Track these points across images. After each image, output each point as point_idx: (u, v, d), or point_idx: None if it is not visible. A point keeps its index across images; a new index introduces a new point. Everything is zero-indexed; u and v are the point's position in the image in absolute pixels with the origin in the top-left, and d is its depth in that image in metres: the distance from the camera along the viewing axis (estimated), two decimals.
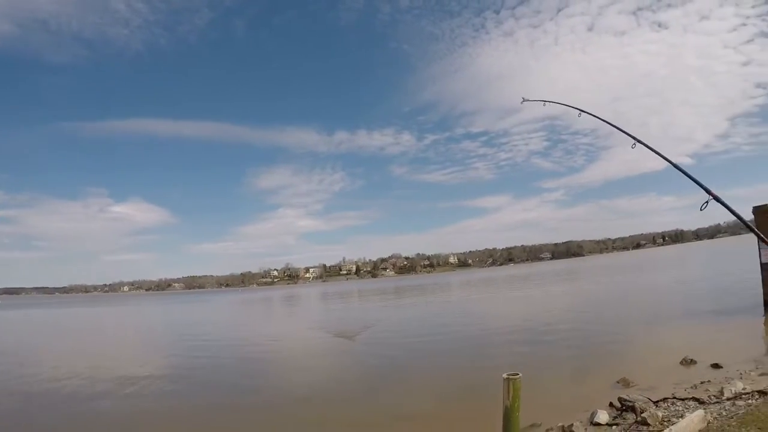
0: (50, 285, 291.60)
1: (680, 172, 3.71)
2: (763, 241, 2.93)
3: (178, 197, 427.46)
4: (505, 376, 5.07)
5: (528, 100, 7.34)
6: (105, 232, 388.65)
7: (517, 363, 19.44)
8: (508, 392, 4.97)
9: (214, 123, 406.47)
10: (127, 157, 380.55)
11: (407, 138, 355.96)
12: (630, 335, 22.45)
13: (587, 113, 5.60)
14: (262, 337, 33.49)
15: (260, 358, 25.17)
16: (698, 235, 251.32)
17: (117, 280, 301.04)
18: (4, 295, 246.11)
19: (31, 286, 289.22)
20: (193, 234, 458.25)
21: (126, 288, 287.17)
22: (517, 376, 4.97)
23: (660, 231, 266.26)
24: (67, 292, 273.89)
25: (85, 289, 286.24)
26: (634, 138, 4.36)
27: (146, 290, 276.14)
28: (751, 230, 3.11)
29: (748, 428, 8.61)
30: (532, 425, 11.88)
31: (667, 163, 4.13)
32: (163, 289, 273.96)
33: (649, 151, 4.28)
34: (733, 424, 9.00)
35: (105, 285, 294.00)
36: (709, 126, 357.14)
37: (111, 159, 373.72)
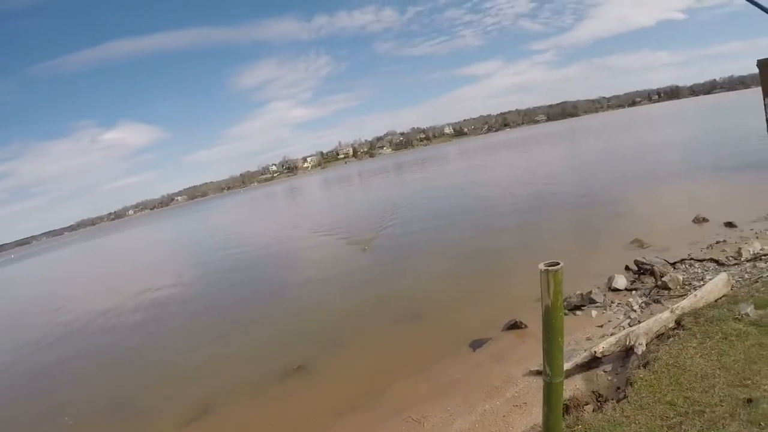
0: (58, 227, 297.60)
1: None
2: None
3: (166, 111, 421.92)
4: (542, 267, 4.07)
5: None
6: (101, 161, 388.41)
7: (527, 230, 19.50)
8: (548, 287, 4.01)
9: (190, 29, 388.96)
10: (108, 82, 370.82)
11: (389, 13, 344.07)
12: (637, 194, 22.22)
13: None
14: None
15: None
16: (694, 91, 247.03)
17: (121, 206, 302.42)
18: (16, 248, 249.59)
19: (40, 232, 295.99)
20: (187, 144, 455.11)
21: (131, 212, 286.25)
22: (558, 266, 4.00)
23: (655, 88, 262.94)
24: (75, 230, 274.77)
25: (92, 222, 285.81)
26: None
27: (150, 209, 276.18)
28: None
29: None
30: None
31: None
32: (167, 205, 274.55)
33: None
34: (761, 288, 8.57)
35: (111, 213, 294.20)
36: None
37: (93, 89, 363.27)
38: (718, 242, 13.18)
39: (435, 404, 8.29)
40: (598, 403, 6.60)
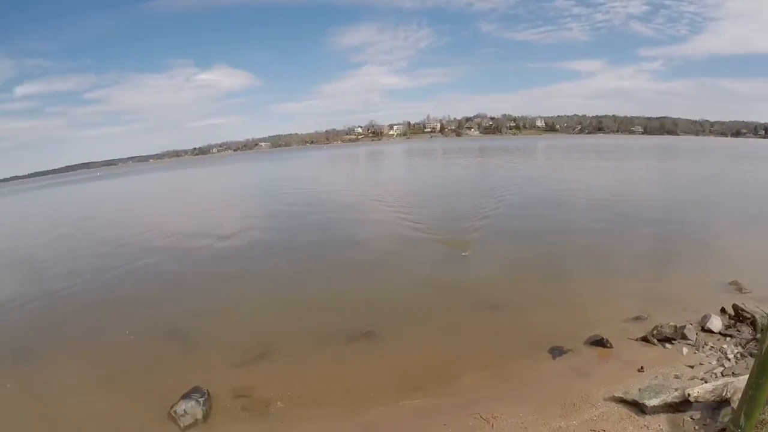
0: (144, 153, 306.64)
1: None
2: None
3: (262, 60, 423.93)
4: None
5: None
6: (192, 99, 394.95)
7: (614, 244, 18.68)
8: None
9: None
10: (210, 26, 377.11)
11: None
12: (739, 232, 20.37)
13: None
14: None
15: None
16: None
17: (206, 143, 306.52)
18: (103, 167, 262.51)
19: (127, 156, 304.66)
20: (277, 95, 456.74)
21: (215, 150, 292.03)
22: None
23: (763, 122, 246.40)
24: (161, 158, 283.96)
25: (177, 154, 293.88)
26: None
27: (234, 150, 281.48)
28: None
29: None
30: (638, 317, 11.23)
31: None
32: (250, 149, 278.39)
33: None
34: None
35: (195, 148, 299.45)
36: None
37: (194, 30, 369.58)
38: None
39: (506, 405, 8.02)
40: None
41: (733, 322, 11.06)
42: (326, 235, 23.02)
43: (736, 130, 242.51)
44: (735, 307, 11.40)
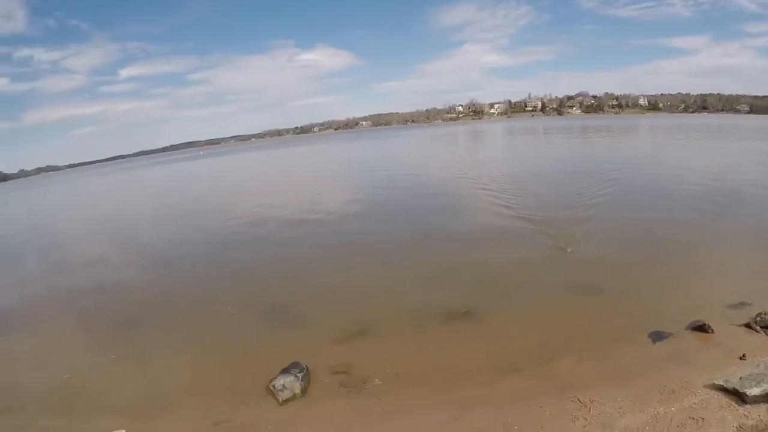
0: (246, 133, 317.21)
1: None
2: None
3: (363, 40, 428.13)
4: None
5: None
6: (293, 79, 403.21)
7: (722, 228, 17.70)
8: None
9: None
10: (311, 6, 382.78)
11: None
12: None
13: None
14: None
15: None
16: None
17: (307, 122, 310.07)
18: (206, 146, 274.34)
19: (229, 135, 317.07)
20: (378, 74, 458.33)
21: (316, 129, 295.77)
22: None
23: None
24: (262, 137, 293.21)
25: (278, 133, 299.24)
26: None
27: (335, 129, 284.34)
28: None
29: None
30: (741, 303, 10.85)
31: None
32: (351, 128, 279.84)
33: None
34: None
35: (296, 127, 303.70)
36: None
37: (295, 10, 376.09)
38: None
39: (603, 390, 8.14)
40: None
41: None
42: (426, 219, 23.00)
43: None
44: None
